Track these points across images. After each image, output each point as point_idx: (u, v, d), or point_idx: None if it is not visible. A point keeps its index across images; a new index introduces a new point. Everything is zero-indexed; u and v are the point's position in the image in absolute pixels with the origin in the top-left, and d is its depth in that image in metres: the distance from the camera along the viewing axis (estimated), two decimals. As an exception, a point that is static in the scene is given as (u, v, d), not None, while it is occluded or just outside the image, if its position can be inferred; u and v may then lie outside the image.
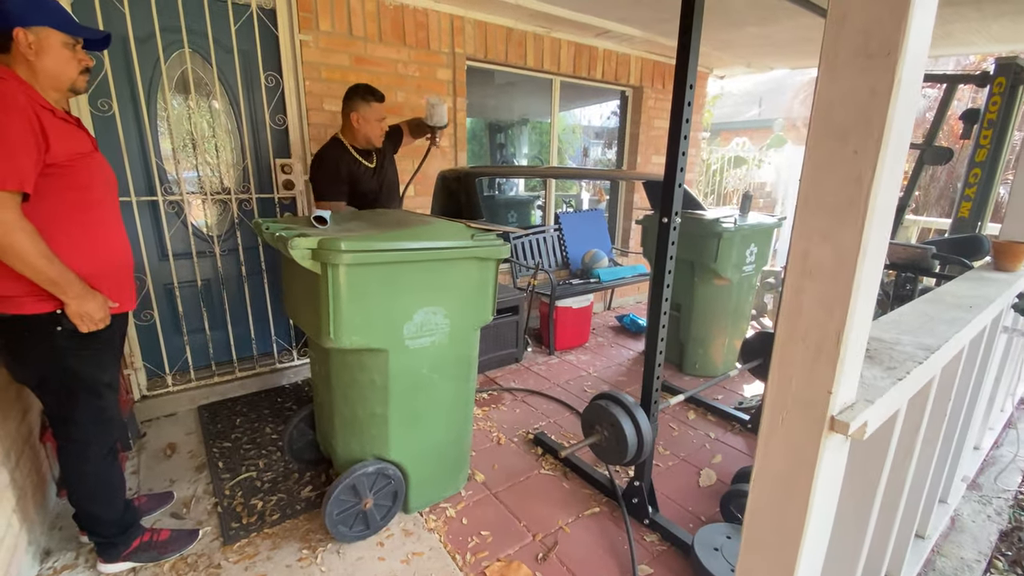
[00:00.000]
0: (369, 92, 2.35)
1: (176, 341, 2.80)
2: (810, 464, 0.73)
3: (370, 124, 2.38)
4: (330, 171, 2.37)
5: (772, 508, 0.78)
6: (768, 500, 0.79)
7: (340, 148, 2.43)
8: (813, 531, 0.77)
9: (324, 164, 2.37)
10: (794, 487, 0.75)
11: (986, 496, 2.16)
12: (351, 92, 2.36)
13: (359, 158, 2.46)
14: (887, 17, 0.59)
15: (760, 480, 0.79)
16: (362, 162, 2.47)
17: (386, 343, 1.71)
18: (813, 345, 0.70)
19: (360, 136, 2.41)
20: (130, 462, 2.34)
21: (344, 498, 1.77)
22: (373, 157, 2.54)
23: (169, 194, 2.63)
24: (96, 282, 1.46)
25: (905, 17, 0.58)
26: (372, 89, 2.37)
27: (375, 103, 2.35)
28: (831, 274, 0.67)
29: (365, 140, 2.43)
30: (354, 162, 2.44)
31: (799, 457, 0.74)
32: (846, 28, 0.62)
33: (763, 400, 0.76)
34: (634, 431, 1.79)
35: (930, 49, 2.80)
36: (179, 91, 2.60)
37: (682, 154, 1.63)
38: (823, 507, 0.77)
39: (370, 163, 2.51)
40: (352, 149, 2.45)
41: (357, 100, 2.34)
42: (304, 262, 1.54)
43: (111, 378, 1.59)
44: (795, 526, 0.76)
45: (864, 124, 0.62)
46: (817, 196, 0.67)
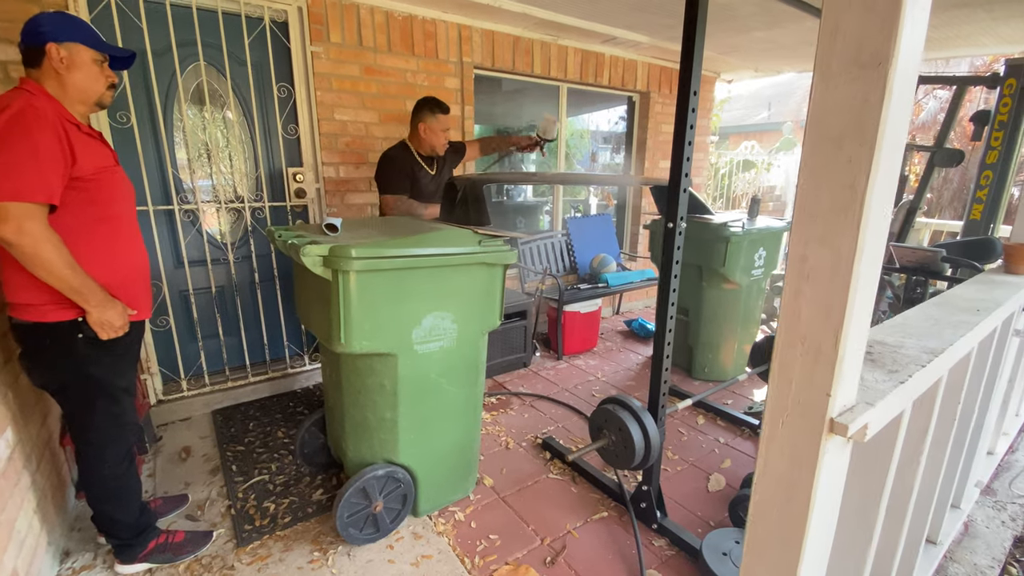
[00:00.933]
0: (436, 105, 2.55)
1: (191, 347, 2.85)
2: (811, 466, 0.74)
3: (435, 134, 2.59)
4: (396, 168, 2.58)
5: (774, 511, 0.79)
6: (770, 503, 0.80)
7: (407, 151, 2.65)
8: (815, 533, 0.77)
9: (392, 161, 2.59)
10: (795, 489, 0.76)
11: (1001, 502, 2.13)
12: (420, 104, 2.57)
13: (422, 163, 2.68)
14: (878, 28, 0.60)
15: (762, 483, 0.80)
16: (424, 167, 2.69)
17: (395, 348, 1.73)
18: (812, 348, 0.71)
19: (425, 144, 2.63)
20: (146, 465, 2.39)
21: (354, 501, 1.80)
22: (434, 165, 2.75)
23: (185, 203, 2.70)
24: (116, 291, 1.50)
25: (896, 28, 0.59)
26: (439, 102, 2.56)
27: (441, 115, 2.56)
28: (828, 278, 0.68)
29: (430, 148, 2.64)
30: (417, 165, 2.66)
31: (800, 459, 0.75)
32: (839, 39, 0.64)
33: (765, 404, 0.77)
34: (641, 435, 1.79)
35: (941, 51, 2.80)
36: (194, 103, 2.67)
37: (686, 159, 1.64)
38: (825, 509, 0.78)
39: (431, 169, 2.73)
40: (417, 154, 2.66)
41: (425, 112, 2.55)
42: (315, 269, 1.58)
43: (128, 383, 1.64)
44: (797, 528, 0.77)
45: (857, 132, 0.63)
46: (813, 202, 0.68)
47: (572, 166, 4.99)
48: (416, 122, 2.59)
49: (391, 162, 2.59)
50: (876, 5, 0.60)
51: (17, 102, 1.30)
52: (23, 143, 1.27)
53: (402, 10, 3.05)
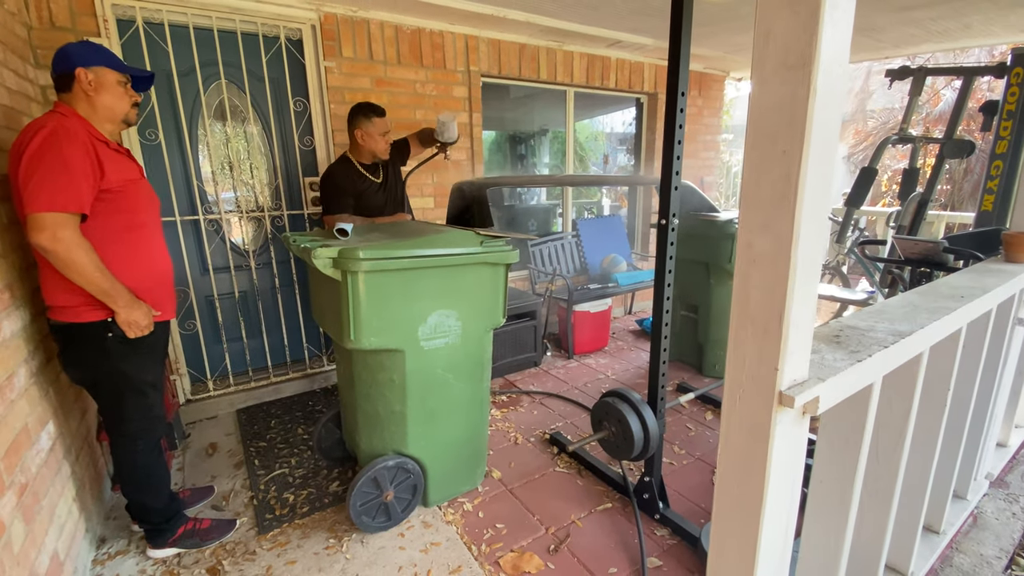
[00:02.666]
0: (370, 109, 2.46)
1: (216, 349, 3.01)
2: (764, 437, 0.79)
3: (373, 139, 2.49)
4: (336, 185, 2.48)
5: (735, 481, 0.85)
6: (731, 474, 0.86)
7: (347, 164, 2.55)
8: (773, 501, 0.83)
9: (331, 179, 2.50)
10: (752, 460, 0.82)
11: (1013, 494, 2.10)
12: (353, 111, 2.48)
13: (366, 174, 2.57)
14: (801, 33, 0.67)
15: (724, 456, 0.86)
16: (368, 177, 2.58)
17: (403, 344, 1.83)
18: (760, 327, 0.77)
19: (366, 152, 2.52)
20: (176, 460, 2.54)
21: (366, 490, 1.89)
22: (379, 172, 2.64)
23: (209, 213, 2.86)
24: (141, 293, 1.64)
25: (816, 33, 0.66)
26: (372, 105, 2.48)
27: (376, 118, 2.46)
28: (771, 261, 0.74)
29: (371, 155, 2.54)
30: (360, 177, 2.55)
31: (754, 432, 0.81)
32: (770, 44, 0.70)
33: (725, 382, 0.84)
34: (640, 427, 1.85)
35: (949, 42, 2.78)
36: (217, 118, 2.84)
37: (676, 158, 1.70)
38: (781, 479, 0.83)
39: (376, 178, 2.62)
40: (359, 165, 2.56)
41: (359, 118, 2.46)
42: (326, 270, 1.69)
43: (155, 379, 1.77)
44: (755, 497, 0.82)
45: (789, 127, 0.69)
46: (755, 192, 0.74)
47: (587, 168, 5.05)
48: (352, 130, 2.48)
49: (330, 179, 2.48)
50: (799, 10, 0.67)
51: (51, 123, 1.45)
52: (56, 159, 1.41)
53: (410, 23, 3.18)
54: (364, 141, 2.49)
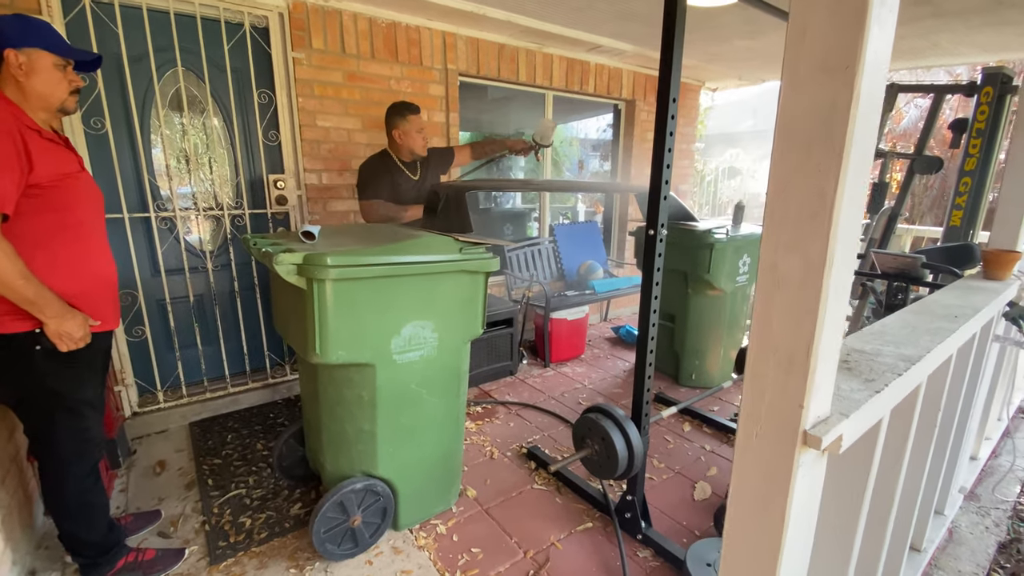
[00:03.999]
0: (405, 107, 2.57)
1: (168, 357, 2.79)
2: (785, 480, 0.72)
3: (410, 136, 2.60)
4: (374, 174, 2.60)
5: (749, 524, 0.77)
6: (745, 516, 0.78)
7: (387, 158, 2.67)
8: (791, 546, 0.75)
9: (370, 168, 2.62)
10: (770, 502, 0.74)
11: (984, 507, 2.13)
12: (390, 111, 2.59)
13: (403, 169, 2.69)
14: (844, 32, 0.59)
15: (737, 496, 0.78)
16: (406, 172, 2.70)
17: (373, 358, 1.70)
18: (784, 358, 0.69)
19: (404, 149, 2.64)
20: (119, 480, 2.32)
21: (332, 515, 1.75)
22: (417, 170, 2.75)
23: (162, 210, 2.64)
24: (77, 301, 1.45)
25: (862, 32, 0.58)
26: (407, 104, 2.59)
27: (411, 116, 2.58)
28: (799, 285, 0.66)
29: (409, 152, 2.66)
30: (397, 171, 2.66)
31: (773, 473, 0.73)
32: (806, 43, 0.62)
33: (739, 415, 0.75)
34: (625, 445, 1.77)
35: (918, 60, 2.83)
36: (173, 108, 2.63)
37: (667, 167, 1.64)
38: (801, 522, 0.76)
39: (413, 175, 2.73)
40: (398, 161, 2.68)
41: (395, 117, 2.57)
42: (290, 277, 1.54)
43: (92, 397, 1.58)
44: (772, 542, 0.74)
45: (826, 137, 0.62)
46: (783, 209, 0.67)
47: (561, 173, 5.00)
48: (390, 130, 2.61)
49: (369, 169, 2.62)
50: (842, 7, 0.59)
51: None
52: None
53: (385, 17, 3.04)
54: (402, 139, 2.60)
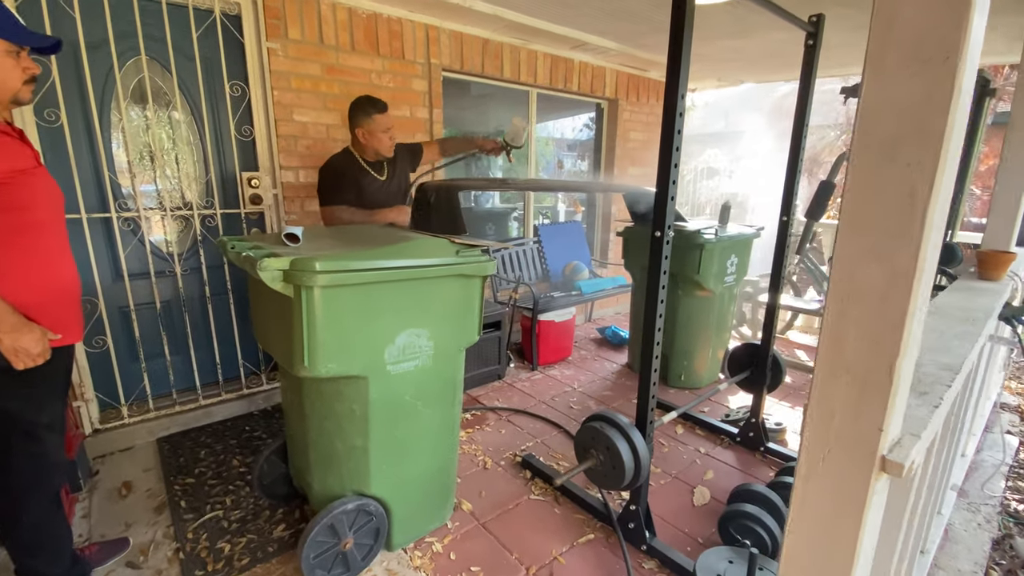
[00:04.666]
0: (370, 105, 2.30)
1: (132, 368, 2.58)
2: (857, 507, 0.66)
3: (375, 136, 2.35)
4: (336, 174, 2.35)
5: (813, 556, 0.71)
6: (808, 547, 0.71)
7: (349, 158, 2.42)
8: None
9: (332, 171, 2.37)
10: (838, 533, 0.68)
11: (974, 504, 2.16)
12: (352, 107, 2.33)
13: (369, 170, 2.44)
14: (944, 18, 0.53)
15: (798, 524, 0.72)
16: (371, 173, 2.45)
17: (366, 370, 1.58)
18: (859, 378, 0.63)
19: (369, 150, 2.40)
20: (80, 504, 2.13)
21: (322, 539, 1.63)
22: (384, 169, 2.50)
23: (124, 210, 2.44)
24: (36, 312, 1.30)
25: (966, 18, 0.52)
26: (373, 101, 2.32)
27: (377, 115, 2.31)
28: (881, 298, 0.60)
29: (374, 153, 2.41)
30: (362, 172, 2.42)
31: (844, 500, 0.67)
32: (896, 30, 0.56)
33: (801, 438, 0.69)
34: (631, 454, 1.71)
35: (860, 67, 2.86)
36: (135, 101, 2.43)
37: (674, 166, 1.58)
38: (868, 550, 0.70)
39: (380, 175, 2.49)
40: (362, 161, 2.43)
41: (359, 115, 2.31)
42: (275, 284, 1.41)
43: (52, 419, 1.42)
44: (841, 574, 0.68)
45: (918, 134, 0.56)
46: (864, 213, 0.60)
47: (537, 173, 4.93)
48: (353, 128, 2.35)
49: (332, 171, 2.37)
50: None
51: None
52: None
53: (366, 7, 2.90)
54: (367, 140, 2.35)
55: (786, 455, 2.44)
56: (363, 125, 2.32)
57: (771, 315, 2.41)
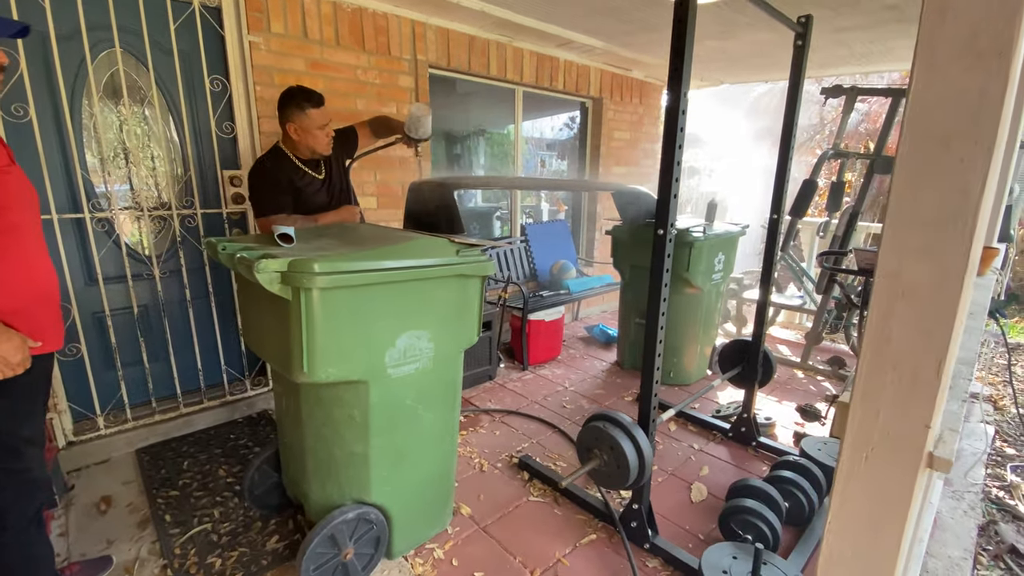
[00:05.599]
0: (303, 97, 2.02)
1: (108, 376, 2.46)
2: (903, 504, 0.65)
3: (310, 134, 2.07)
4: (268, 181, 2.07)
5: (856, 554, 0.70)
6: (849, 546, 0.71)
7: (280, 157, 2.14)
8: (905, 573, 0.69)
9: (261, 174, 2.08)
10: (882, 530, 0.67)
11: (958, 492, 2.23)
12: (283, 99, 2.04)
13: (304, 169, 2.17)
14: (999, 12, 0.52)
15: (839, 524, 0.71)
16: (308, 172, 2.18)
17: (366, 374, 1.53)
18: (907, 374, 0.62)
19: (302, 147, 2.12)
20: (56, 522, 2.02)
21: (322, 551, 1.57)
22: (321, 168, 2.23)
23: (97, 210, 2.32)
24: (14, 318, 1.21)
25: (1019, 12, 0.52)
26: (306, 92, 2.04)
27: (311, 109, 2.02)
28: (930, 295, 0.60)
29: (308, 151, 2.14)
30: (297, 173, 2.15)
31: (889, 498, 0.66)
32: (948, 23, 0.56)
33: (842, 436, 0.68)
34: (635, 453, 1.70)
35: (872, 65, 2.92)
36: (109, 95, 2.31)
37: (676, 164, 1.58)
38: (913, 547, 0.70)
39: (318, 174, 2.22)
40: (295, 159, 2.15)
41: (291, 108, 2.02)
42: (272, 287, 1.35)
43: (33, 432, 1.33)
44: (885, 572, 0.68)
45: (972, 129, 0.55)
46: (913, 209, 0.60)
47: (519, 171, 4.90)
48: (283, 122, 2.06)
49: (260, 175, 2.08)
50: (998, -17, 0.52)
51: None
52: None
53: (351, 2, 2.83)
54: (300, 136, 2.07)
55: (778, 449, 2.48)
56: (295, 120, 2.03)
57: (762, 311, 2.44)
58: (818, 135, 7.31)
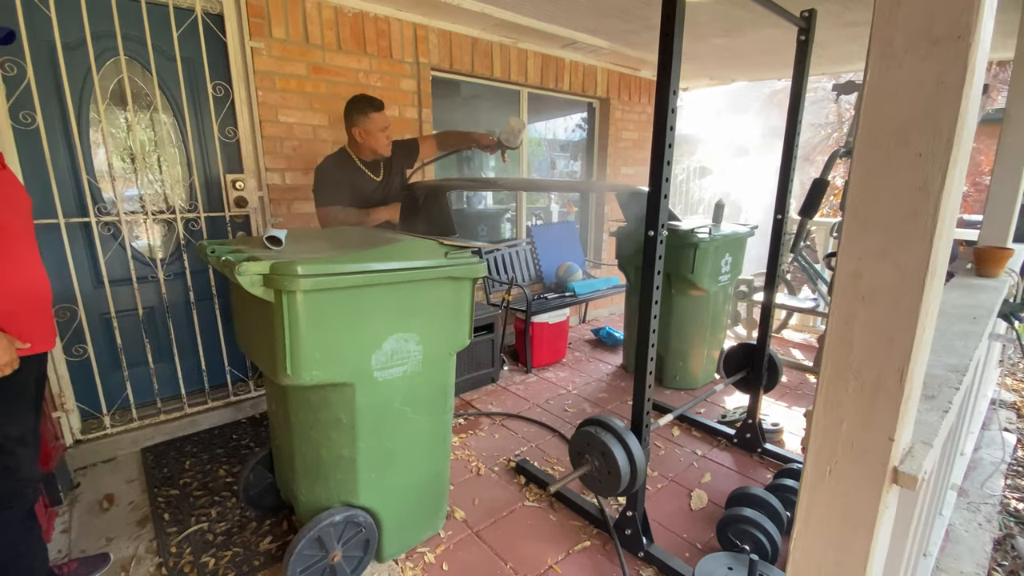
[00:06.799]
0: (367, 104, 2.28)
1: (115, 377, 2.51)
2: (868, 521, 0.61)
3: (372, 136, 2.33)
4: (334, 178, 2.34)
5: (820, 571, 0.66)
6: (815, 562, 0.67)
7: (345, 158, 2.40)
8: (869, 598, 0.65)
9: (328, 172, 2.35)
10: (849, 547, 0.64)
11: (974, 503, 2.14)
12: (348, 107, 2.31)
13: (365, 170, 2.43)
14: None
15: (804, 539, 0.67)
16: (368, 174, 2.44)
17: (352, 376, 1.53)
18: (869, 383, 0.59)
19: (366, 149, 2.38)
20: (60, 519, 2.06)
21: (309, 553, 1.57)
22: (380, 170, 2.49)
23: (104, 214, 2.38)
24: (3, 320, 1.24)
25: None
26: (370, 99, 2.30)
27: (374, 114, 2.29)
28: (891, 299, 0.56)
29: (371, 152, 2.40)
30: (358, 173, 2.41)
31: (854, 513, 0.62)
32: (903, 7, 0.52)
33: (806, 448, 0.65)
34: (627, 459, 1.66)
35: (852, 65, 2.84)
36: (115, 102, 2.37)
37: (667, 163, 1.54)
38: (880, 566, 0.66)
39: (376, 176, 2.48)
40: (358, 161, 2.42)
41: (355, 114, 2.29)
42: (255, 289, 1.36)
43: (23, 431, 1.36)
44: (850, 595, 0.64)
45: (930, 121, 0.51)
46: (870, 208, 0.56)
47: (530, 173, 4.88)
48: (349, 127, 2.34)
49: (327, 172, 2.35)
50: (953, -36, 0.49)
51: None
52: None
53: (352, 6, 2.85)
54: (363, 139, 2.33)
55: (784, 456, 2.41)
56: (360, 124, 2.30)
57: (767, 314, 2.38)
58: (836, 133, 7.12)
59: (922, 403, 0.77)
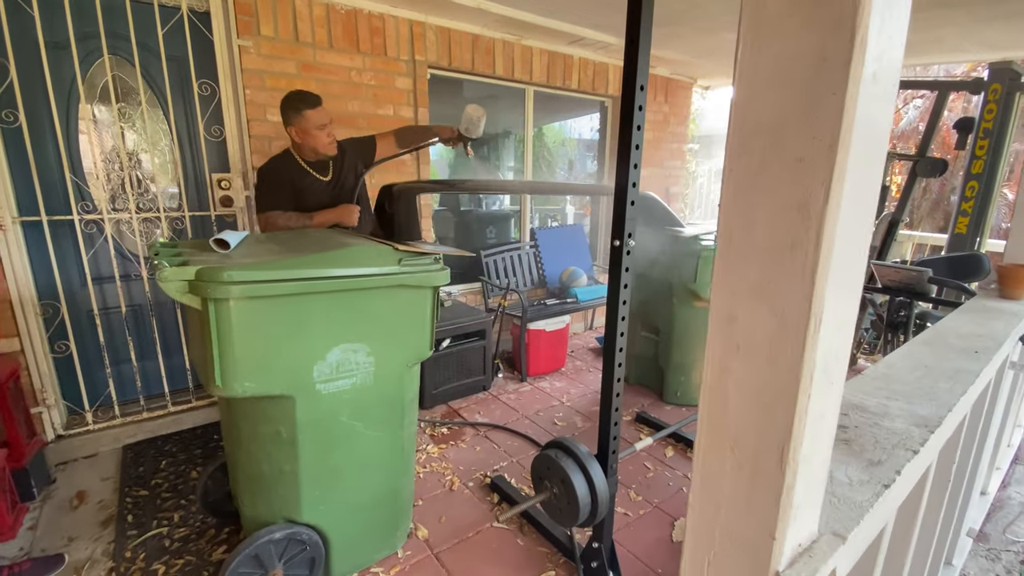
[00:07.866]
0: (299, 100, 2.10)
1: (98, 374, 2.53)
2: (750, 637, 0.47)
3: (310, 135, 2.14)
4: (271, 178, 2.19)
5: None
6: (695, 675, 0.53)
7: (287, 158, 2.24)
8: None
9: (265, 171, 2.21)
10: (729, 665, 0.49)
11: (994, 549, 1.89)
12: (282, 105, 2.13)
13: (310, 171, 2.25)
14: (840, -65, 0.35)
15: (684, 643, 0.53)
16: (313, 175, 2.26)
17: (290, 389, 1.45)
18: (747, 461, 0.45)
19: (306, 149, 2.20)
20: (30, 515, 2.07)
21: (245, 571, 1.50)
22: (329, 169, 2.30)
23: (87, 212, 2.39)
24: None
25: (869, -68, 0.34)
26: (302, 95, 2.12)
27: (307, 111, 2.09)
28: (768, 353, 0.42)
29: (313, 152, 2.21)
30: (300, 173, 2.23)
31: (734, 623, 0.48)
32: (777, -40, 0.38)
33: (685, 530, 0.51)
34: (587, 489, 1.52)
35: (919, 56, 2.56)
36: (100, 101, 2.38)
37: (634, 166, 1.39)
38: None
39: (324, 176, 2.29)
40: (302, 161, 2.24)
41: (289, 113, 2.11)
42: (179, 296, 1.29)
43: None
44: None
45: (811, 112, 0.37)
46: (742, 233, 0.42)
47: (554, 174, 4.74)
48: (286, 128, 2.16)
49: (268, 175, 2.20)
50: None
51: None
52: None
53: (344, 3, 2.80)
54: (302, 139, 2.16)
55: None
56: (295, 124, 2.11)
57: (766, 331, 2.18)
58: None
59: (858, 471, 0.62)
